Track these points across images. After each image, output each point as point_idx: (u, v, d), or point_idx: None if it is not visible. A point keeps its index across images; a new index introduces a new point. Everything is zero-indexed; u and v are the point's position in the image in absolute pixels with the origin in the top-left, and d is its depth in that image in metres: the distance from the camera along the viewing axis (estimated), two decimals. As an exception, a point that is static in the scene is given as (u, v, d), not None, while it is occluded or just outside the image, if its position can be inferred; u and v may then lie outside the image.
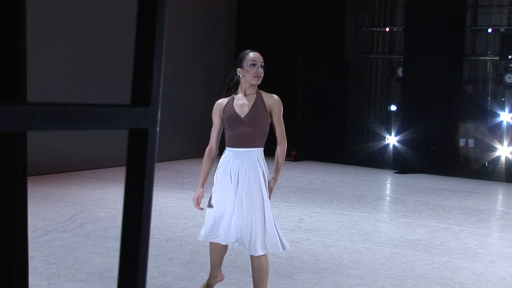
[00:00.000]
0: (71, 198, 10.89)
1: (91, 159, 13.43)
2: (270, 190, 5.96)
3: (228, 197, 5.90)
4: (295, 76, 17.34)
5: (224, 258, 6.27)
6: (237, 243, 6.02)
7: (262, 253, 5.79)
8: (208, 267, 6.44)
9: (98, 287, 6.64)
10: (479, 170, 15.98)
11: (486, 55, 17.58)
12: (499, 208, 12.61)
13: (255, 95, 5.92)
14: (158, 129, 1.23)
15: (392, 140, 16.85)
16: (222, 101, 5.99)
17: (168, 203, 10.81)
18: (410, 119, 16.23)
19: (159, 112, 1.24)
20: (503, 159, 16.00)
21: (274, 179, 6.01)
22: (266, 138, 5.98)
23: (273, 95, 6.01)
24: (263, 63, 5.93)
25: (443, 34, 16.07)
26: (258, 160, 5.88)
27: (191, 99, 16.28)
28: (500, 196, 13.80)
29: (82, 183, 12.20)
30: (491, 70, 17.58)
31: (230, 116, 5.90)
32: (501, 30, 17.20)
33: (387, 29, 18.55)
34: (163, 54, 1.21)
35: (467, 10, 17.31)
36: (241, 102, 5.91)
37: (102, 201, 10.75)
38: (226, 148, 5.98)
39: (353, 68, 18.80)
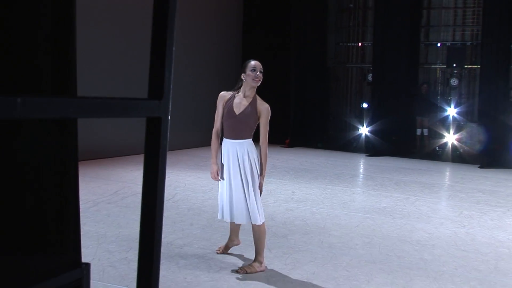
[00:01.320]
0: (115, 177, 10.90)
1: (131, 146, 13.43)
2: (260, 186, 5.97)
3: (226, 180, 6.00)
4: (288, 80, 17.33)
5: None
6: (232, 221, 6.10)
7: (259, 223, 5.83)
8: (222, 230, 6.45)
9: (135, 245, 6.65)
10: (431, 153, 16.01)
11: (436, 64, 17.57)
12: (447, 182, 12.60)
13: (251, 99, 5.89)
14: (169, 118, 1.23)
15: (364, 130, 16.83)
16: (226, 94, 6.01)
17: (190, 181, 10.82)
18: (378, 114, 16.23)
19: (170, 104, 1.23)
20: (449, 144, 16.03)
21: (262, 176, 5.99)
22: (253, 132, 5.96)
23: (265, 103, 5.95)
24: (262, 70, 5.90)
25: (402, 48, 16.08)
26: (248, 149, 5.89)
27: (209, 96, 16.24)
28: (447, 173, 13.79)
29: (124, 166, 12.22)
30: (440, 75, 17.59)
31: (228, 110, 5.92)
32: (447, 44, 17.23)
33: (360, 44, 18.53)
34: (172, 58, 1.21)
35: (421, 29, 17.31)
36: (239, 101, 5.89)
37: (139, 179, 10.73)
38: (223, 137, 6.04)
39: (334, 75, 18.78)
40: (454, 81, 17.01)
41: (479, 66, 15.71)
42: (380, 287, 5.65)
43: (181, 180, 10.79)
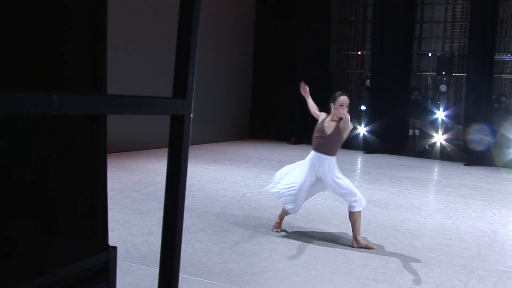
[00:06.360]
0: (138, 168, 10.90)
1: (153, 140, 13.42)
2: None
3: (309, 181, 6.82)
4: (295, 85, 17.25)
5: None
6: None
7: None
8: (232, 218, 6.41)
9: (156, 230, 6.65)
10: (422, 151, 15.94)
11: (427, 71, 17.51)
12: (435, 178, 12.54)
13: (336, 123, 6.67)
14: (192, 115, 1.21)
15: (362, 130, 16.75)
16: (324, 115, 6.90)
17: (205, 173, 10.80)
18: (375, 115, 16.17)
19: (193, 102, 1.21)
20: (438, 144, 15.96)
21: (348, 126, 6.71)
22: (338, 149, 6.75)
23: (342, 116, 6.57)
24: (348, 104, 6.72)
25: (397, 56, 16.04)
26: (332, 164, 6.64)
27: (222, 96, 16.21)
28: (435, 170, 13.72)
29: (146, 158, 12.22)
30: (430, 82, 17.52)
31: (319, 129, 6.76)
32: (437, 54, 17.16)
33: (359, 52, 18.46)
34: (195, 61, 1.19)
35: (414, 40, 17.24)
36: (327, 124, 6.69)
37: (160, 170, 10.75)
38: (313, 150, 6.82)
39: (336, 80, 18.71)
40: (443, 87, 16.98)
41: (465, 75, 15.74)
42: (374, 271, 5.62)
43: (197, 172, 10.77)
